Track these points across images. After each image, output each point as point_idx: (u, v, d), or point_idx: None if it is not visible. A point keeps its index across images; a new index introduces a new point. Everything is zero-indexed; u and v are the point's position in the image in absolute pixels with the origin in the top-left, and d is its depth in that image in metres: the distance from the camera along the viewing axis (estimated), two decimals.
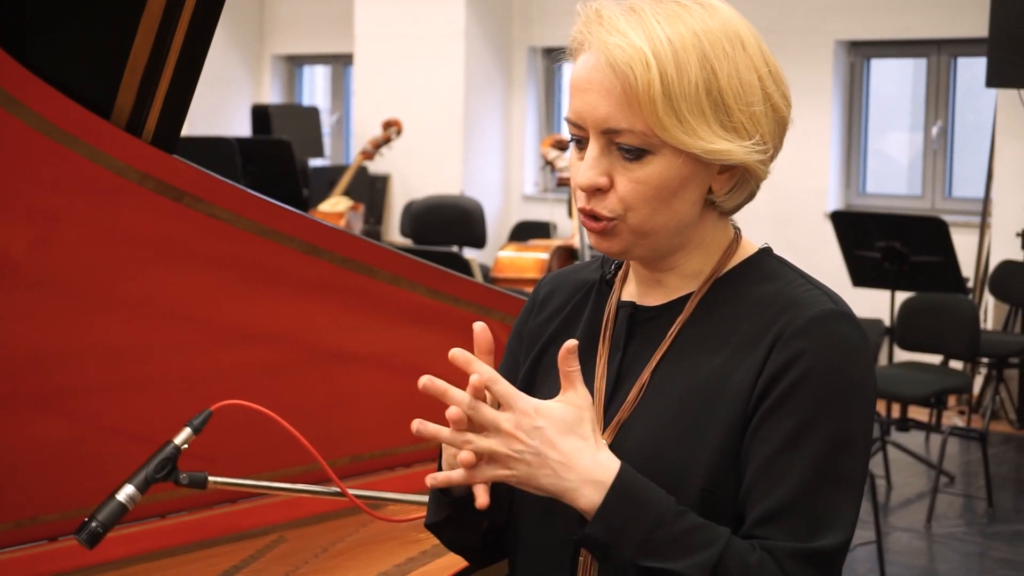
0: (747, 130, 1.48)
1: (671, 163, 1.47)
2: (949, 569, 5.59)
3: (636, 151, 1.47)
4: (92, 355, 2.20)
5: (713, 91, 1.46)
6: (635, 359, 1.57)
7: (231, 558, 2.31)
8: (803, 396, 1.45)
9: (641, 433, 1.52)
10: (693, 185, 1.50)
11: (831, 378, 1.46)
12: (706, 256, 1.57)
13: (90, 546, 1.86)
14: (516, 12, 10.56)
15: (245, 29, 12.09)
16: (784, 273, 1.56)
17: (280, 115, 10.64)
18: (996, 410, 7.68)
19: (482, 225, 8.79)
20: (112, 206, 2.11)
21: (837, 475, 1.45)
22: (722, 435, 1.47)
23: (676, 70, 1.44)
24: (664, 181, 1.48)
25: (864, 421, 1.48)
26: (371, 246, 2.51)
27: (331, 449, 2.16)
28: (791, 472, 1.44)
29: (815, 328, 1.47)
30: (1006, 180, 8.08)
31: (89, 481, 2.08)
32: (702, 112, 1.46)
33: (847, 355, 1.47)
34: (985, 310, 8.06)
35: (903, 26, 8.90)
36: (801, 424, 1.44)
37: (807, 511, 1.44)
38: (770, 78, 1.50)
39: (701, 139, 1.46)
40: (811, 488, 1.44)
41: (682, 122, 1.45)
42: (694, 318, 1.55)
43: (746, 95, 1.47)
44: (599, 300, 1.65)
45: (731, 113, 1.47)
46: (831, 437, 1.45)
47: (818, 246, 8.42)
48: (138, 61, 2.00)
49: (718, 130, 1.47)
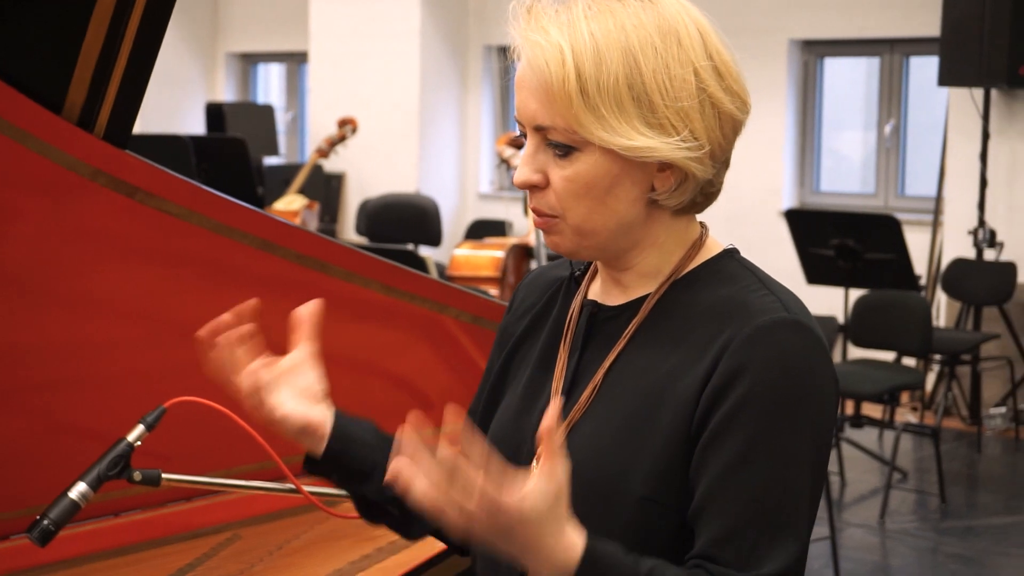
0: (674, 126, 1.45)
1: (598, 160, 1.45)
2: (902, 564, 5.64)
3: (564, 148, 1.46)
4: (43, 352, 2.18)
5: (636, 86, 1.43)
6: (592, 360, 1.56)
7: (185, 556, 2.30)
8: (748, 414, 1.42)
9: (587, 436, 1.51)
10: (628, 183, 1.48)
11: (775, 394, 1.42)
12: (663, 255, 1.55)
13: (42, 544, 1.84)
14: (472, 10, 10.55)
15: (199, 27, 12.03)
16: (742, 276, 1.53)
17: (234, 113, 10.58)
18: (948, 407, 7.75)
19: (438, 223, 8.78)
20: (64, 202, 2.09)
21: (784, 493, 1.42)
22: (664, 442, 1.45)
23: (595, 65, 1.42)
24: (593, 178, 1.46)
25: (814, 432, 1.44)
26: (325, 242, 2.50)
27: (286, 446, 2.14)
28: (737, 494, 1.41)
29: (760, 340, 1.44)
30: (958, 179, 8.15)
31: (41, 479, 2.06)
32: (621, 108, 1.43)
33: (792, 368, 1.43)
34: (937, 307, 8.12)
35: (856, 25, 8.96)
36: (747, 443, 1.41)
37: (752, 536, 1.40)
38: (712, 73, 1.47)
39: (620, 136, 1.43)
40: (758, 511, 1.41)
41: (599, 119, 1.43)
42: (649, 320, 1.54)
43: (674, 90, 1.44)
44: (567, 297, 1.65)
45: (655, 109, 1.44)
46: (778, 455, 1.42)
47: (772, 244, 8.46)
48: (90, 55, 1.98)
49: (640, 126, 1.44)
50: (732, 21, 9.08)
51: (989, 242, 7.71)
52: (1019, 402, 7.77)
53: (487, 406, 1.70)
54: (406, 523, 1.70)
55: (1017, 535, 5.99)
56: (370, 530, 2.36)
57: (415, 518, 1.66)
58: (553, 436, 1.31)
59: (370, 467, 1.64)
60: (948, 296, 7.72)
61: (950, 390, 7.54)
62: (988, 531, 6.00)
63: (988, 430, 7.68)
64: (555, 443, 1.32)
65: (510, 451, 1.58)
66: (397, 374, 2.76)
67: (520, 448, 1.58)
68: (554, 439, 1.31)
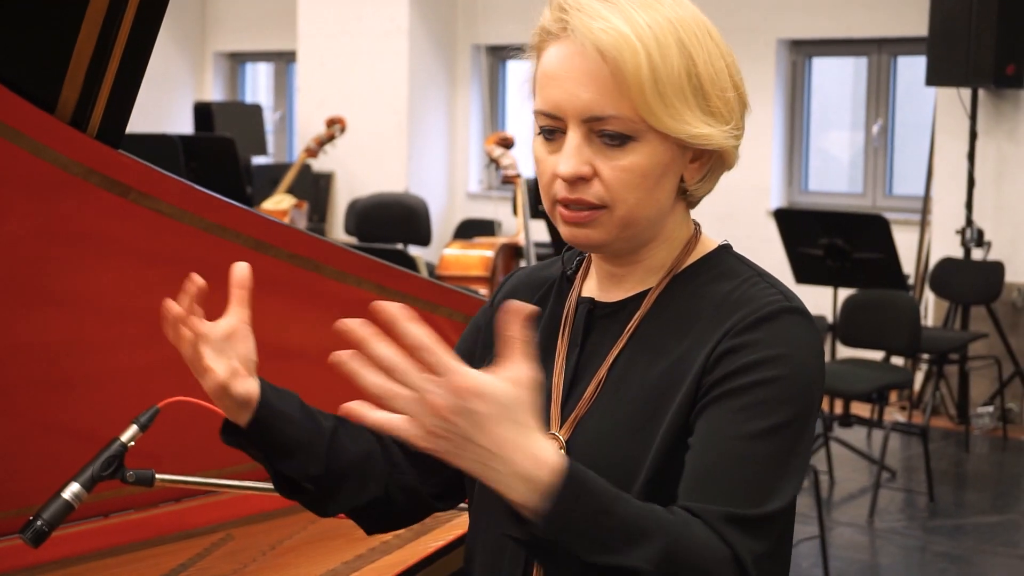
0: (724, 115, 1.50)
1: (655, 149, 1.48)
2: (891, 563, 5.65)
3: (620, 138, 1.46)
4: (36, 352, 2.18)
5: (693, 76, 1.47)
6: (593, 355, 1.57)
7: (177, 556, 2.30)
8: (747, 379, 1.44)
9: (595, 430, 1.52)
10: (672, 173, 1.51)
11: (777, 364, 1.44)
12: (669, 250, 1.58)
13: (35, 545, 1.84)
14: (460, 10, 10.55)
15: (187, 26, 12.01)
16: (741, 271, 1.56)
17: (223, 112, 10.57)
18: (936, 406, 7.76)
19: (427, 223, 8.78)
20: (57, 202, 2.09)
21: (776, 450, 1.43)
22: (671, 422, 1.47)
23: (660, 55, 1.45)
24: (649, 168, 1.48)
25: (807, 409, 1.47)
26: (318, 242, 2.50)
27: None
28: (729, 445, 1.42)
29: (764, 321, 1.47)
30: (946, 178, 8.17)
31: (34, 479, 2.06)
32: (684, 97, 1.47)
33: (794, 345, 1.47)
34: (925, 307, 8.14)
35: (844, 25, 8.97)
36: (745, 406, 1.43)
37: (741, 478, 1.41)
38: (735, 67, 1.53)
39: (687, 123, 1.47)
40: (747, 460, 1.42)
41: (668, 107, 1.45)
42: (651, 314, 1.55)
43: (720, 81, 1.49)
44: (560, 296, 1.65)
45: (709, 99, 1.48)
46: (773, 419, 1.43)
47: (761, 243, 8.47)
48: (83, 55, 1.98)
49: (700, 115, 1.48)
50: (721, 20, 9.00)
51: (977, 241, 7.73)
52: (1007, 401, 7.79)
53: None
54: (321, 500, 1.67)
55: (1005, 533, 6.00)
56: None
57: (330, 496, 1.65)
58: (520, 342, 1.27)
59: (293, 444, 1.60)
60: (936, 295, 7.74)
61: (938, 389, 7.56)
62: (976, 530, 6.02)
63: (976, 429, 7.70)
64: (519, 349, 1.28)
65: None
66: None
67: None
68: (519, 346, 1.27)
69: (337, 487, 1.65)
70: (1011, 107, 7.93)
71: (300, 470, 1.61)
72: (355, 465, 1.66)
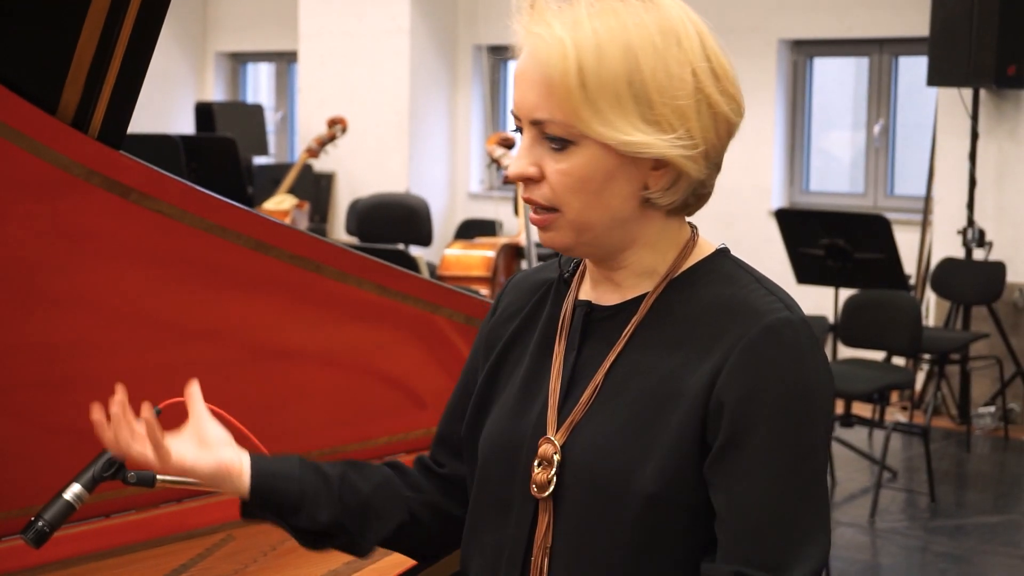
0: (670, 124, 1.46)
1: (594, 155, 1.47)
2: (892, 563, 5.65)
3: (560, 141, 1.48)
4: (38, 352, 2.18)
5: (635, 83, 1.45)
6: (590, 359, 1.57)
7: (179, 557, 2.30)
8: (765, 418, 1.44)
9: (592, 435, 1.52)
10: (622, 179, 1.49)
11: (791, 395, 1.45)
12: (657, 255, 1.56)
13: (37, 545, 1.84)
14: (461, 10, 10.55)
15: (189, 26, 12.01)
16: (739, 276, 1.55)
17: (224, 113, 10.57)
18: (938, 406, 7.76)
19: (428, 223, 8.78)
20: (58, 202, 2.09)
21: (807, 490, 1.45)
22: (674, 441, 1.46)
23: (596, 60, 1.44)
24: (588, 173, 1.48)
25: (825, 424, 1.48)
26: (318, 242, 2.50)
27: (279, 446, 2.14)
28: (764, 496, 1.43)
29: (769, 341, 1.46)
30: (947, 178, 8.16)
31: (35, 479, 2.06)
32: (620, 103, 1.45)
33: (802, 366, 1.46)
34: (927, 307, 8.14)
35: (845, 25, 8.97)
36: (766, 448, 1.43)
37: (778, 540, 1.43)
38: (709, 75, 1.48)
39: (617, 131, 1.45)
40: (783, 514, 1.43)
41: (597, 113, 1.45)
42: (648, 319, 1.54)
43: (672, 89, 1.46)
44: (557, 299, 1.65)
45: (653, 106, 1.46)
46: (797, 451, 1.44)
47: (762, 244, 8.47)
48: (84, 56, 1.98)
49: (637, 122, 1.46)
50: (722, 21, 9.03)
51: (978, 241, 7.73)
52: (1008, 401, 7.79)
53: (476, 410, 1.69)
54: (349, 542, 1.73)
55: (1006, 534, 6.00)
56: None
57: (357, 534, 1.71)
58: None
59: (298, 497, 1.67)
60: (937, 295, 7.74)
61: (939, 389, 7.55)
62: (977, 530, 6.02)
63: (977, 429, 7.70)
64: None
65: (509, 452, 1.58)
66: (390, 374, 2.76)
67: (519, 449, 1.58)
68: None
69: (361, 524, 1.70)
70: (1012, 107, 7.93)
71: (309, 521, 1.68)
72: (371, 499, 1.71)
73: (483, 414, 1.67)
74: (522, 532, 1.55)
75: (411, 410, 2.76)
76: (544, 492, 1.53)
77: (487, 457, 1.63)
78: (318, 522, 1.68)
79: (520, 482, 1.56)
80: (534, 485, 1.54)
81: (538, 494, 1.54)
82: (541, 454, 1.54)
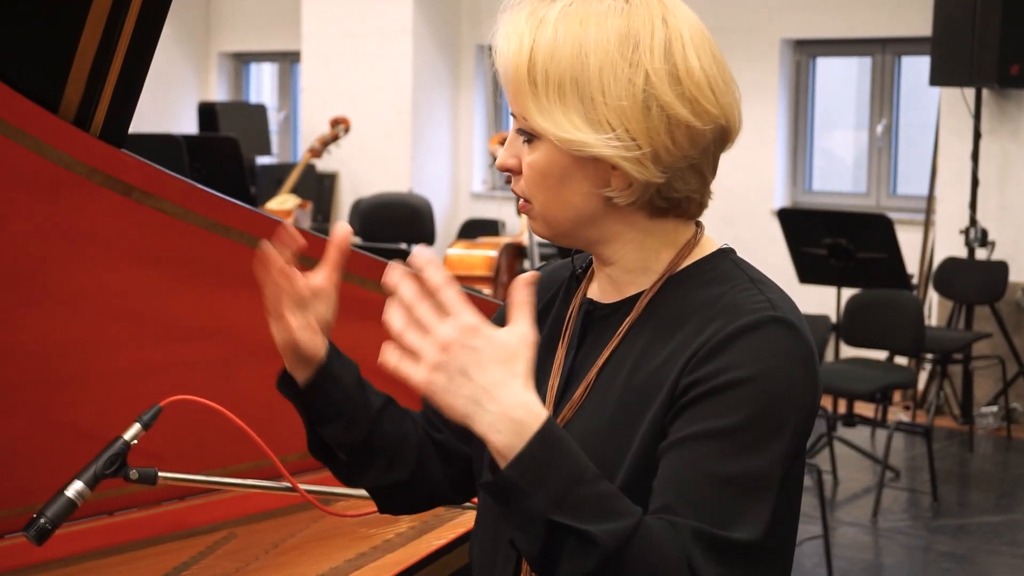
0: (610, 124, 1.46)
1: (550, 150, 1.50)
2: (894, 563, 5.65)
3: (526, 135, 1.51)
4: (39, 350, 2.18)
5: (581, 81, 1.46)
6: (587, 357, 1.58)
7: (180, 555, 2.30)
8: (725, 396, 1.42)
9: (579, 432, 1.51)
10: (580, 176, 1.50)
11: (754, 382, 1.42)
12: (645, 253, 1.55)
13: (39, 543, 1.85)
14: (464, 10, 10.56)
15: (192, 26, 12.02)
16: (734, 276, 1.53)
17: (227, 112, 10.58)
18: (940, 405, 7.76)
19: (431, 223, 8.79)
20: (60, 200, 2.10)
21: (748, 478, 1.41)
22: (647, 429, 1.46)
23: (547, 57, 1.47)
24: (545, 167, 1.50)
25: (789, 427, 1.44)
26: (319, 240, 2.50)
27: (281, 445, 2.15)
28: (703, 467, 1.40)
29: (744, 333, 1.44)
30: (949, 178, 8.17)
31: (37, 477, 2.07)
32: (563, 100, 1.47)
33: (774, 360, 1.44)
34: (929, 306, 8.14)
35: (848, 25, 8.97)
36: (719, 424, 1.41)
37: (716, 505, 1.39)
38: (667, 79, 1.47)
39: (557, 126, 1.47)
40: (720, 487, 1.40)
41: (540, 108, 1.47)
42: (643, 317, 1.54)
43: (616, 89, 1.46)
44: (567, 297, 1.67)
45: (595, 106, 1.46)
46: (744, 442, 1.41)
47: (765, 243, 8.47)
48: (86, 54, 1.99)
49: (577, 120, 1.47)
50: (724, 21, 9.10)
51: (980, 241, 7.73)
52: (1011, 401, 7.79)
53: None
54: (350, 470, 1.73)
55: (1008, 533, 6.00)
56: (365, 529, 2.38)
57: (359, 468, 1.72)
58: (524, 306, 1.35)
59: (338, 412, 1.67)
60: (940, 295, 7.74)
61: (942, 389, 7.55)
62: (980, 529, 6.02)
63: (980, 429, 7.70)
64: (522, 299, 1.35)
65: None
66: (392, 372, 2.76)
67: None
68: (523, 310, 1.35)
69: (368, 462, 1.71)
70: (1015, 107, 7.93)
71: (336, 437, 1.68)
72: (390, 445, 1.72)
73: None
74: None
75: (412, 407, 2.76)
76: None
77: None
78: (340, 442, 1.68)
79: None
80: None
81: None
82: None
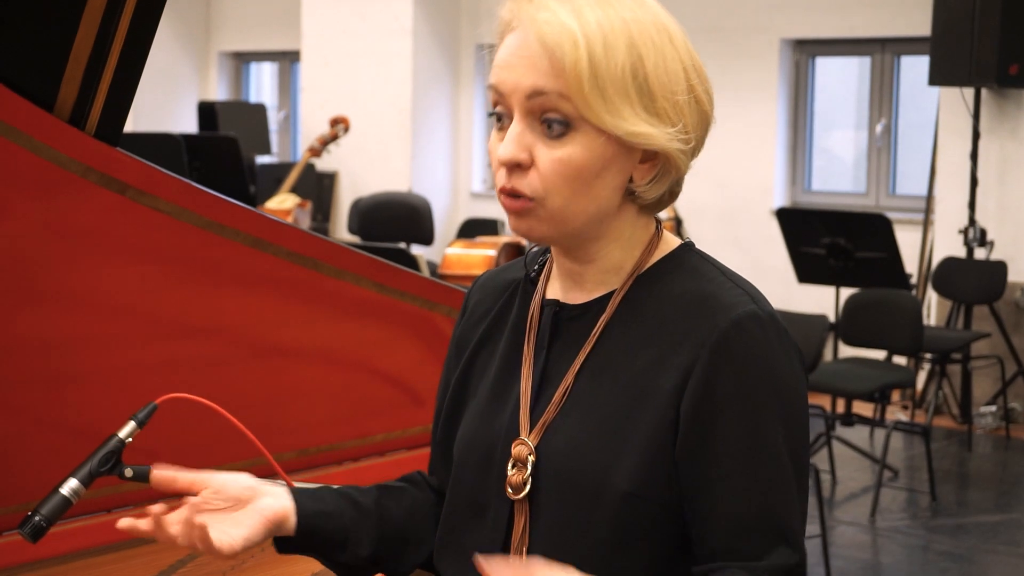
0: (670, 117, 1.48)
1: (593, 143, 1.46)
2: (893, 562, 5.65)
3: (562, 124, 1.46)
4: (34, 348, 2.18)
5: (639, 76, 1.46)
6: (560, 359, 1.57)
7: (175, 553, 2.30)
8: (736, 410, 1.45)
9: (565, 435, 1.52)
10: (615, 170, 1.49)
11: (762, 390, 1.46)
12: (625, 251, 1.56)
13: (34, 540, 1.84)
14: (464, 10, 10.56)
15: (191, 25, 12.02)
16: (705, 269, 1.55)
17: (227, 112, 10.58)
18: (939, 405, 7.76)
19: (430, 222, 8.78)
20: (55, 199, 2.10)
21: (783, 482, 1.46)
22: (648, 438, 1.47)
23: (604, 51, 1.44)
24: (586, 161, 1.47)
25: (798, 414, 1.49)
26: (317, 240, 2.50)
27: (277, 443, 2.15)
28: (738, 490, 1.45)
29: (739, 334, 1.46)
30: (949, 178, 8.16)
31: (31, 475, 2.07)
32: (627, 95, 1.45)
33: (771, 361, 1.47)
34: (928, 306, 8.14)
35: (847, 25, 8.97)
36: (743, 437, 1.45)
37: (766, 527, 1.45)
38: (695, 72, 1.50)
39: (624, 120, 1.45)
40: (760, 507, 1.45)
41: (607, 102, 1.44)
42: (617, 317, 1.54)
43: (671, 83, 1.47)
44: (524, 299, 1.65)
45: (655, 99, 1.47)
46: (771, 445, 1.45)
47: (764, 242, 8.47)
48: (81, 52, 1.99)
49: (641, 113, 1.46)
50: (724, 21, 9.10)
51: (979, 241, 7.73)
52: (1009, 400, 7.79)
53: (449, 414, 1.69)
54: (392, 572, 1.71)
55: (1007, 533, 6.00)
56: None
57: (396, 562, 1.70)
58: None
59: (342, 536, 1.65)
60: (939, 295, 7.74)
61: (941, 388, 7.55)
62: (978, 529, 6.02)
63: (978, 428, 7.70)
64: None
65: (483, 455, 1.59)
66: (388, 371, 2.76)
67: (492, 451, 1.58)
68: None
69: (400, 552, 1.70)
70: (1014, 107, 7.93)
71: (352, 557, 1.66)
72: (407, 526, 1.70)
73: (457, 417, 1.68)
74: (498, 534, 1.56)
75: (408, 407, 2.76)
76: (519, 494, 1.53)
77: (461, 459, 1.63)
78: (360, 557, 1.66)
79: (495, 484, 1.57)
80: (509, 487, 1.54)
81: (513, 496, 1.54)
82: (515, 455, 1.54)
